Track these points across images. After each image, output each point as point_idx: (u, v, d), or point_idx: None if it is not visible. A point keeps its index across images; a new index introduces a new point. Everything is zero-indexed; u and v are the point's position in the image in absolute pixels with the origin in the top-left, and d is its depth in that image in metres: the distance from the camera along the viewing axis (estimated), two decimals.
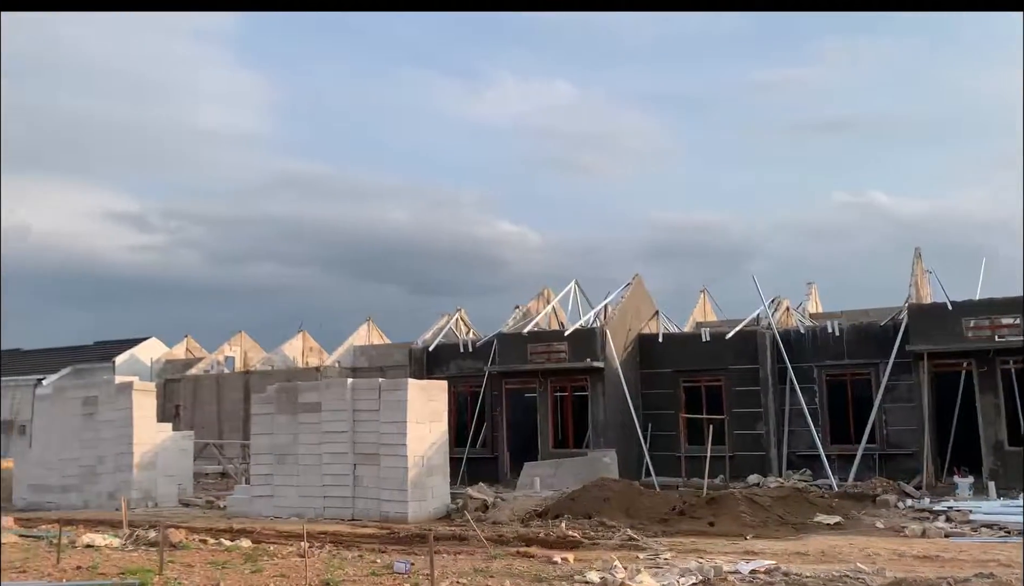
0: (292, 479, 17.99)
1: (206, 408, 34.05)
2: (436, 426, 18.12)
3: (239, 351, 38.88)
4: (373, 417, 17.52)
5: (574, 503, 16.22)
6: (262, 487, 18.33)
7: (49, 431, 22.23)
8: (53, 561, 11.50)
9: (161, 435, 21.38)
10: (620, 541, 13.41)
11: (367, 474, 17.30)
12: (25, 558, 11.95)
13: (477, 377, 25.01)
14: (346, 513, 17.15)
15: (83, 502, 20.65)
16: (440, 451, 18.12)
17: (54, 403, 22.75)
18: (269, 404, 18.80)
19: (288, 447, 18.18)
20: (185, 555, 12.15)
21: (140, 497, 19.91)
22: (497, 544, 13.08)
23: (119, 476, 20.46)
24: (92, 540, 13.34)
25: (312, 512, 17.30)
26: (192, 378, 35.46)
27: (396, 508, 16.72)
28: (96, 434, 21.17)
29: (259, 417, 18.97)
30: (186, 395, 34.86)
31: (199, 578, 10.26)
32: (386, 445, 17.22)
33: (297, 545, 12.99)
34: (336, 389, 18.25)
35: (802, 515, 15.42)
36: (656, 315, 27.00)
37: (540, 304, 27.59)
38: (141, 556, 12.20)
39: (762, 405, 23.01)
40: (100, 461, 20.91)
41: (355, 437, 17.57)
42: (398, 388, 17.57)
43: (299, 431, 18.14)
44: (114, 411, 21.00)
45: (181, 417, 33.04)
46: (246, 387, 32.42)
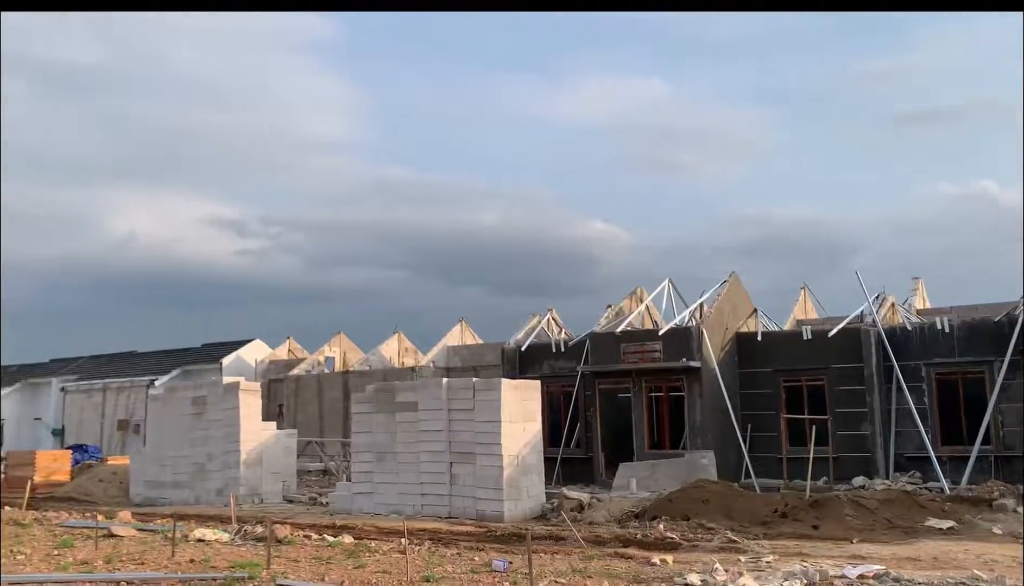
0: (391, 477, 18.32)
1: (308, 407, 35.06)
2: (530, 426, 18.16)
3: (338, 352, 39.88)
4: (468, 416, 17.68)
5: (672, 504, 16.00)
6: (362, 484, 18.73)
7: (161, 430, 23.27)
8: (168, 554, 12.02)
9: (266, 433, 22.10)
10: (720, 543, 13.15)
11: (463, 473, 17.47)
12: (143, 551, 12.53)
13: (570, 377, 24.96)
14: (443, 511, 17.36)
15: (194, 498, 21.53)
16: (534, 451, 18.15)
17: (165, 403, 23.80)
18: (368, 403, 19.20)
19: (387, 445, 18.52)
20: (291, 550, 12.52)
21: (247, 493, 20.60)
22: (594, 544, 13.02)
23: (227, 473, 21.24)
24: (203, 535, 13.87)
25: (410, 509, 17.58)
26: (294, 378, 36.56)
27: (492, 507, 16.83)
28: (205, 433, 22.04)
29: (358, 416, 19.40)
30: (289, 394, 35.97)
31: (305, 573, 10.56)
32: (481, 444, 17.36)
33: (397, 542, 13.22)
34: (432, 389, 18.50)
35: (912, 519, 14.79)
36: (754, 313, 26.39)
37: (633, 303, 27.34)
38: (249, 551, 12.63)
39: (867, 405, 22.23)
40: (209, 459, 21.76)
41: (451, 436, 17.76)
42: (492, 388, 17.68)
43: (397, 430, 18.45)
44: (222, 411, 21.82)
45: (284, 416, 34.10)
46: (345, 387, 33.25)
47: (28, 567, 11.26)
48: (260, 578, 10.04)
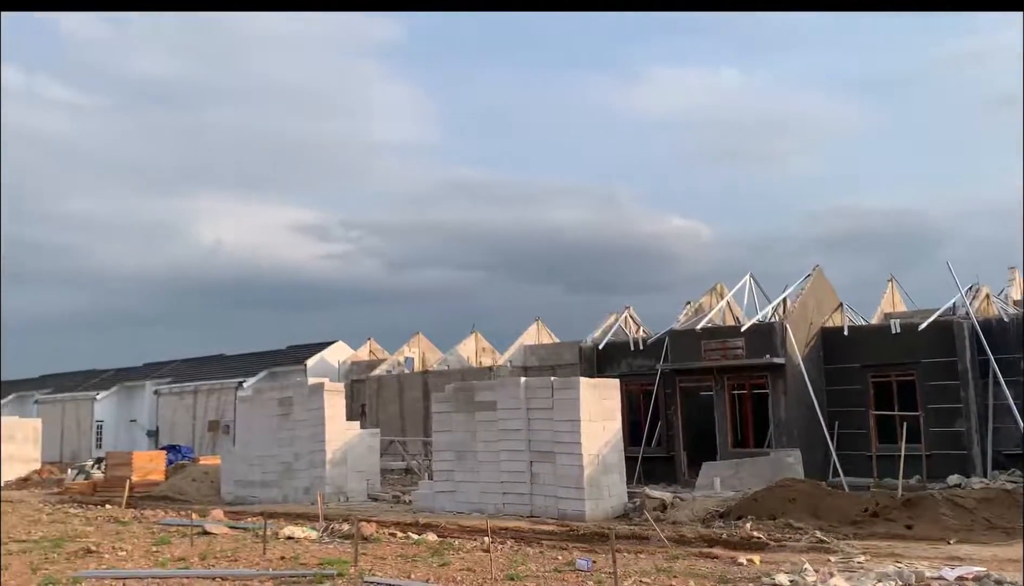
0: (472, 475, 18.46)
1: (389, 407, 35.62)
2: (610, 425, 18.06)
3: (417, 352, 40.41)
4: (547, 415, 17.68)
5: (757, 504, 15.70)
6: (444, 483, 18.92)
7: (250, 430, 23.94)
8: (260, 551, 12.37)
9: (350, 433, 22.53)
10: (808, 543, 12.84)
11: (543, 471, 17.48)
12: (235, 548, 12.93)
13: (649, 375, 24.74)
14: (524, 510, 17.40)
15: (282, 496, 22.10)
16: (615, 450, 18.04)
17: (253, 404, 24.48)
18: (447, 403, 19.38)
19: (467, 444, 18.66)
20: (376, 548, 12.74)
21: (332, 492, 21.04)
22: (678, 544, 12.88)
23: (313, 472, 21.74)
24: (292, 532, 14.23)
25: (492, 508, 17.67)
26: (375, 378, 37.20)
27: (573, 506, 16.80)
28: (292, 433, 22.59)
29: (438, 415, 19.60)
30: (371, 394, 36.62)
31: (391, 570, 10.72)
32: (560, 443, 17.33)
33: (480, 540, 13.33)
34: (510, 388, 18.56)
35: (1013, 519, 14.14)
36: (840, 307, 25.68)
37: (713, 299, 26.92)
38: (337, 548, 12.90)
39: (961, 400, 21.41)
40: (296, 458, 22.30)
41: (530, 435, 17.78)
42: (570, 387, 17.64)
43: (476, 429, 18.58)
44: (307, 411, 22.34)
45: (367, 415, 34.72)
46: (425, 386, 33.66)
47: (129, 563, 11.74)
48: (349, 575, 10.24)
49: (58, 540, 13.89)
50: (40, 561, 11.80)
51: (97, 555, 12.33)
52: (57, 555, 12.38)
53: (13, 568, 11.21)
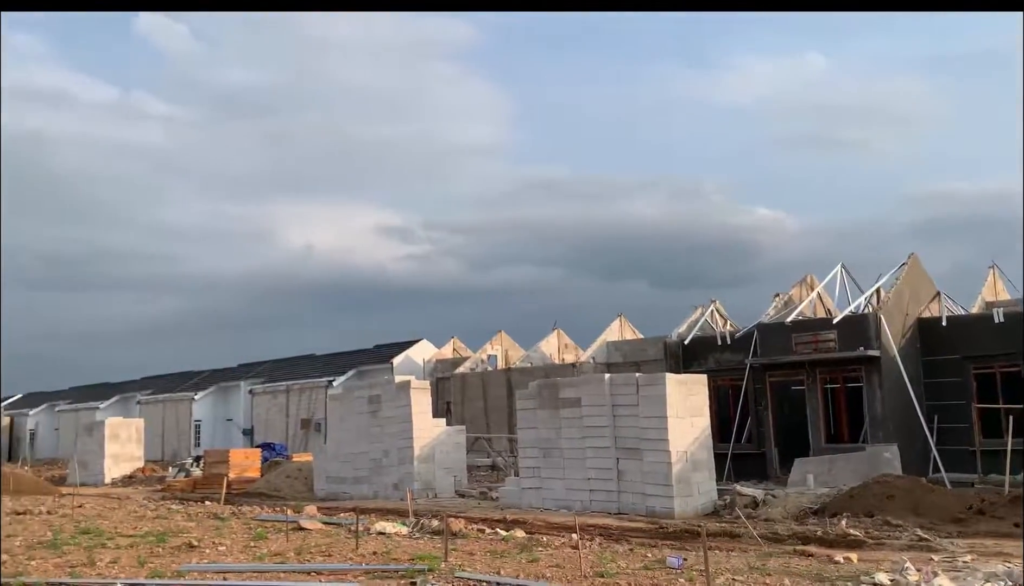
0: (558, 472, 18.45)
1: (473, 404, 35.93)
2: (697, 421, 17.79)
3: (500, 350, 40.64)
4: (632, 412, 17.53)
5: (853, 501, 15.23)
6: (530, 479, 18.97)
7: (341, 428, 24.48)
8: (352, 546, 12.62)
9: (436, 430, 22.81)
10: (909, 541, 12.39)
11: (630, 468, 17.34)
12: (329, 543, 13.22)
13: (738, 370, 24.26)
14: (611, 507, 17.30)
15: (373, 492, 22.53)
16: (703, 446, 17.76)
17: (343, 402, 25.03)
18: (531, 400, 19.42)
19: (552, 441, 18.66)
20: (465, 543, 12.85)
21: (421, 488, 21.33)
22: (771, 542, 12.59)
23: (402, 468, 22.09)
24: (383, 528, 14.48)
25: (579, 505, 17.63)
26: (460, 376, 37.56)
27: (662, 503, 16.62)
28: (380, 430, 23.01)
29: (523, 412, 19.66)
30: (455, 392, 37.01)
31: (481, 566, 10.80)
32: (647, 440, 17.15)
33: (568, 536, 13.30)
34: (594, 385, 18.47)
35: None
36: (937, 296, 24.70)
37: (803, 291, 26.23)
38: (427, 543, 13.06)
39: None
40: (385, 455, 22.70)
41: (616, 432, 17.67)
42: (656, 383, 17.44)
43: (561, 426, 18.56)
44: (395, 409, 22.71)
45: (452, 413, 35.10)
46: (508, 383, 33.83)
47: (229, 557, 12.14)
48: (440, 570, 10.35)
49: (162, 535, 14.46)
50: (146, 555, 12.31)
51: (199, 550, 12.79)
52: (162, 549, 12.89)
53: (122, 561, 11.72)
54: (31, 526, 16.53)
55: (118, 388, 60.83)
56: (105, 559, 11.90)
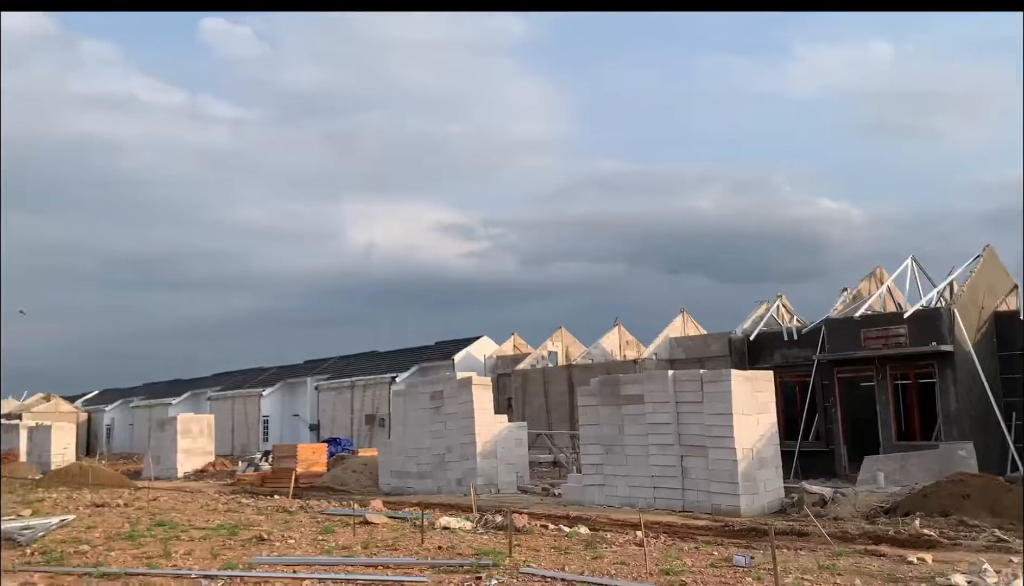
0: (620, 469, 18.37)
1: (534, 400, 35.98)
2: (764, 418, 17.52)
3: (560, 346, 40.60)
4: (697, 409, 17.35)
5: (927, 500, 14.82)
6: (593, 476, 18.91)
7: (404, 423, 24.76)
8: (418, 541, 12.77)
9: (498, 426, 22.91)
10: (986, 542, 12.01)
11: (695, 466, 17.17)
12: (395, 537, 13.40)
13: (805, 366, 23.81)
14: (676, 504, 17.15)
15: (436, 487, 22.74)
16: (770, 443, 17.49)
17: (406, 398, 25.31)
18: (593, 396, 19.36)
19: (614, 438, 18.58)
20: (529, 539, 12.89)
21: (484, 484, 21.46)
22: (841, 541, 12.33)
23: (465, 464, 22.26)
24: (448, 523, 14.60)
25: (642, 502, 17.52)
26: (520, 373, 37.64)
27: (727, 501, 16.41)
28: (443, 426, 23.21)
29: (585, 409, 19.60)
30: (516, 388, 37.10)
31: (545, 562, 10.82)
32: (712, 437, 16.96)
33: (632, 534, 13.24)
34: (657, 381, 18.32)
35: None
36: (1015, 290, 23.88)
37: (872, 285, 25.60)
38: (491, 539, 13.13)
39: None
40: (448, 450, 22.89)
41: (679, 429, 17.51)
42: (721, 379, 17.22)
43: (624, 422, 18.46)
44: (457, 405, 22.89)
45: (513, 409, 35.20)
46: (569, 380, 33.79)
47: (298, 550, 12.40)
48: (504, 566, 10.40)
49: (234, 528, 14.84)
50: (219, 547, 12.65)
51: (269, 543, 13.08)
52: (234, 542, 13.23)
53: (196, 553, 12.07)
54: (110, 518, 17.12)
55: (190, 384, 62.57)
56: (180, 551, 12.27)
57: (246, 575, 10.22)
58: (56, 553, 12.20)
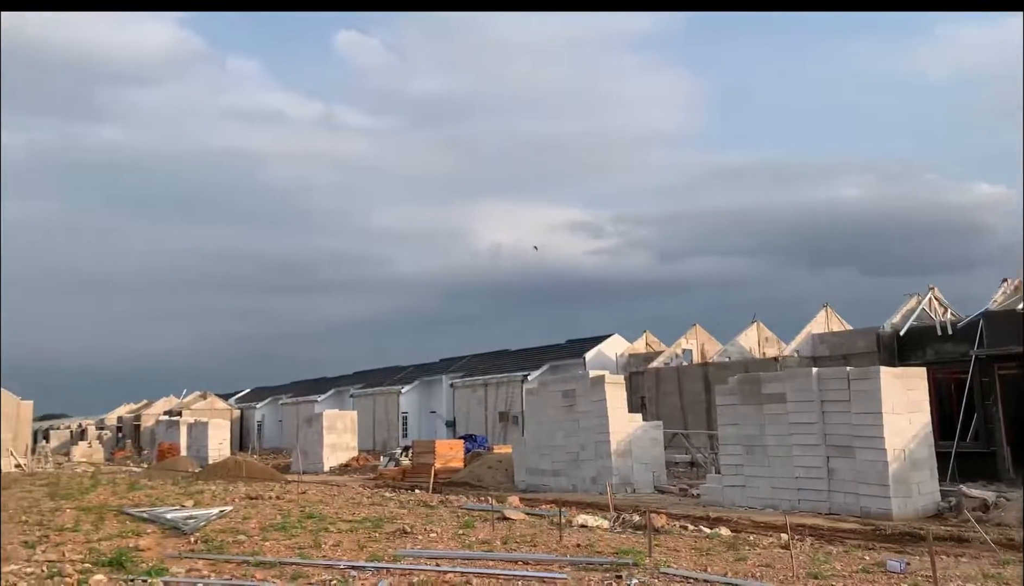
0: (762, 470, 17.85)
1: (669, 399, 35.44)
2: (916, 417, 16.62)
3: (695, 343, 39.84)
4: (843, 408, 16.64)
5: None
6: (733, 477, 18.46)
7: (538, 421, 24.94)
8: (556, 538, 12.82)
9: (632, 425, 22.72)
10: None
11: (841, 467, 16.47)
12: (533, 534, 13.50)
13: (961, 362, 22.38)
14: (821, 507, 16.51)
15: (571, 485, 22.78)
16: (923, 444, 16.56)
17: (539, 397, 25.47)
18: (732, 395, 18.90)
19: (755, 438, 18.08)
20: (668, 540, 12.71)
21: (619, 483, 21.32)
22: (1006, 548, 11.54)
23: (599, 463, 22.19)
24: (585, 521, 14.60)
25: (786, 504, 16.96)
26: (654, 371, 37.17)
27: (877, 504, 15.65)
28: (576, 424, 23.22)
29: (723, 408, 19.16)
30: (650, 387, 36.65)
31: (686, 562, 10.63)
32: (860, 437, 16.23)
33: (776, 536, 12.84)
34: (800, 379, 17.70)
35: None
36: None
37: None
38: (628, 538, 13.03)
39: None
40: (582, 448, 22.88)
41: (825, 429, 16.85)
42: (869, 377, 16.45)
43: (765, 422, 17.94)
44: (590, 403, 22.85)
45: (647, 408, 34.81)
46: (705, 378, 33.09)
47: (440, 544, 12.69)
48: (644, 565, 10.29)
49: (378, 521, 15.35)
50: (365, 539, 13.11)
51: (412, 536, 13.46)
52: (378, 534, 13.68)
53: (344, 545, 12.56)
54: (263, 510, 18.05)
55: (333, 382, 65.23)
56: (329, 542, 12.80)
57: (392, 567, 10.54)
58: (216, 542, 12.97)
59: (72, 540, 13.57)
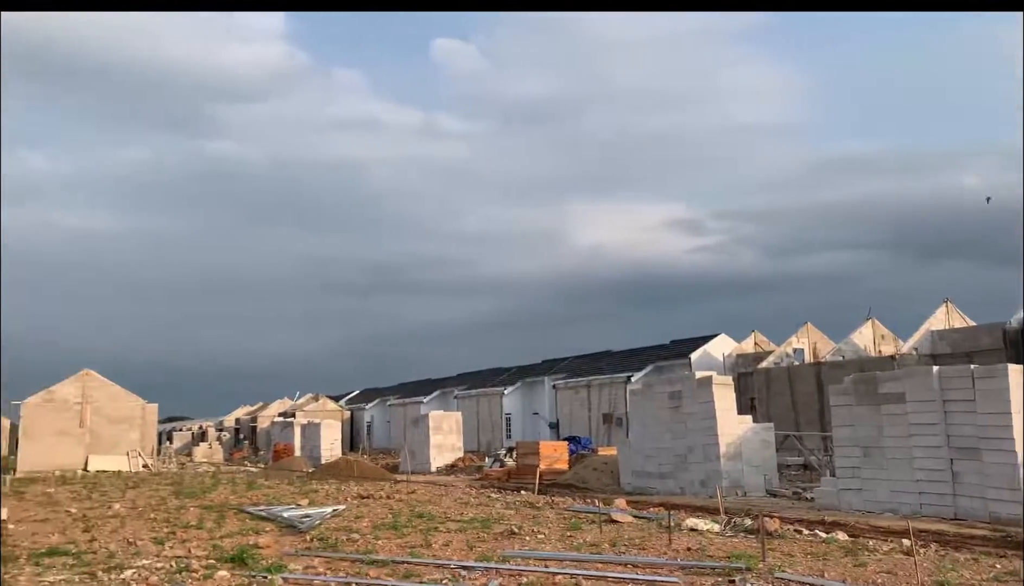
0: (880, 473, 17.17)
1: (779, 400, 34.49)
2: None
3: (807, 342, 38.66)
4: (968, 408, 15.82)
5: None
6: (849, 480, 17.82)
7: (643, 423, 24.67)
8: (665, 541, 12.65)
9: (742, 427, 22.21)
10: None
11: (967, 470, 15.66)
12: (642, 537, 13.36)
13: None
14: (946, 511, 15.74)
15: (679, 488, 22.44)
16: None
17: (643, 398, 25.20)
18: (847, 395, 18.26)
19: (872, 440, 17.40)
20: (782, 544, 12.36)
21: (728, 485, 20.87)
22: None
23: (707, 465, 21.77)
24: (695, 524, 14.35)
25: (906, 508, 16.26)
26: (763, 371, 36.25)
27: (1008, 509, 14.79)
28: (683, 426, 22.86)
29: (838, 409, 18.53)
30: (759, 388, 35.77)
31: (801, 568, 10.32)
32: (987, 439, 15.39)
33: (897, 541, 12.32)
34: (920, 378, 16.92)
35: None
36: None
37: None
38: (740, 542, 12.74)
39: None
40: (689, 451, 22.51)
41: (948, 430, 16.06)
42: (996, 375, 15.58)
43: (882, 423, 17.25)
44: (697, 404, 22.45)
45: (756, 409, 33.97)
46: (818, 378, 32.07)
47: (547, 545, 12.70)
48: (758, 570, 10.04)
49: (486, 521, 15.50)
50: (473, 539, 13.26)
51: (519, 537, 13.53)
52: (486, 535, 13.81)
53: (453, 545, 12.73)
54: (374, 509, 18.50)
55: (438, 384, 66.34)
56: (438, 542, 13.01)
57: (500, 567, 10.62)
58: (331, 540, 13.37)
59: (196, 537, 14.24)
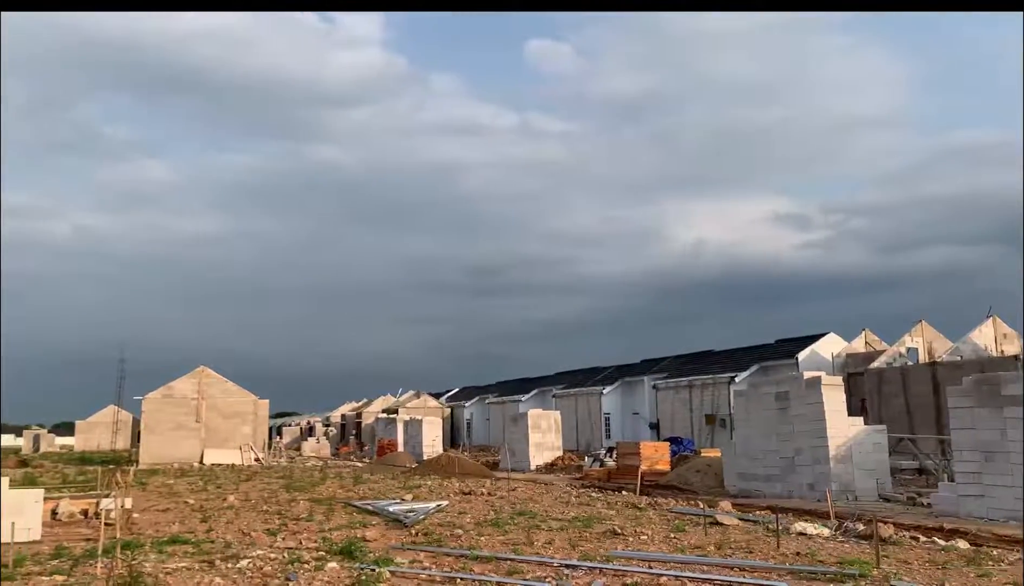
0: (1004, 479, 16.24)
1: (892, 401, 33.13)
2: None
3: (921, 341, 37.03)
4: None
5: None
6: (969, 485, 16.94)
7: (747, 424, 24.08)
8: (772, 545, 12.34)
9: (853, 429, 21.42)
10: None
11: None
12: (748, 540, 13.07)
13: None
14: None
15: (786, 491, 21.82)
16: None
17: (749, 399, 24.59)
18: (966, 397, 17.36)
19: (995, 444, 16.50)
20: (898, 551, 11.88)
21: (838, 489, 20.16)
22: None
23: (816, 468, 21.09)
24: (804, 528, 13.95)
25: None
26: (875, 371, 34.90)
27: None
28: (790, 428, 22.20)
29: (956, 411, 17.64)
30: (870, 389, 34.44)
31: (919, 576, 9.89)
32: None
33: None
34: None
35: None
36: None
37: None
38: (852, 548, 12.31)
39: None
40: (797, 453, 21.85)
41: None
42: None
43: (1006, 427, 16.33)
44: (805, 406, 21.77)
45: (867, 411, 32.72)
46: (934, 379, 30.66)
47: (651, 546, 12.57)
48: (872, 577, 9.68)
49: (587, 521, 15.46)
50: (576, 538, 13.25)
51: (622, 537, 13.44)
52: (589, 534, 13.78)
53: (556, 543, 12.76)
54: (476, 505, 18.71)
55: (536, 383, 66.51)
56: (540, 540, 13.05)
57: (604, 567, 10.58)
58: (435, 535, 13.60)
59: (307, 529, 14.72)
